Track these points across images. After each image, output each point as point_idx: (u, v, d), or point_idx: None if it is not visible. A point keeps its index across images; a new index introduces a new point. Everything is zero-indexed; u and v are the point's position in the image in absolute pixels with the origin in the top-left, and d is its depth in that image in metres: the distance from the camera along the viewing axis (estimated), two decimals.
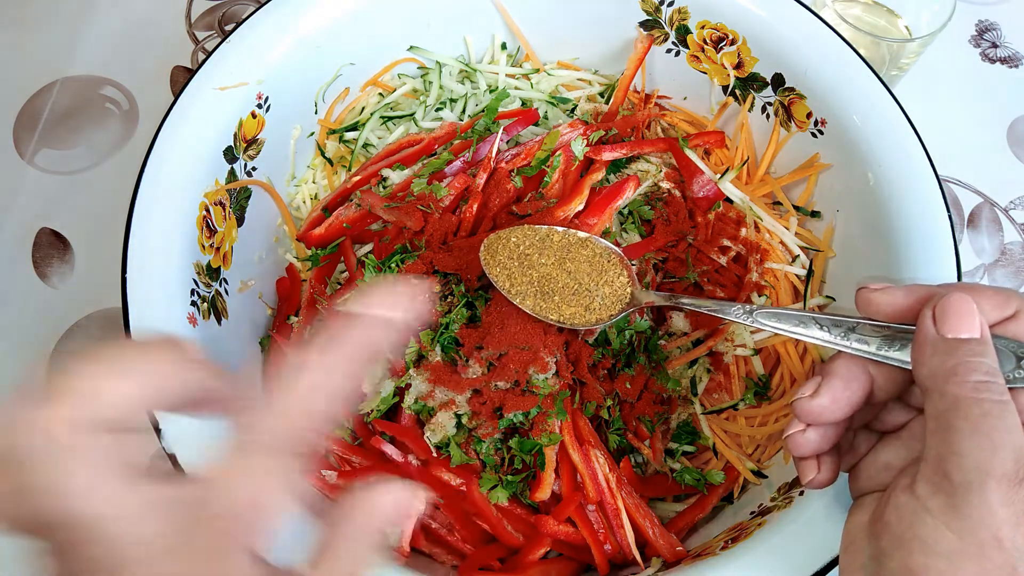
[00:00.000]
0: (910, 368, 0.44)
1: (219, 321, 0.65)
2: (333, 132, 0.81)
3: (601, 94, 0.86)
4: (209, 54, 0.69)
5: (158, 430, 0.55)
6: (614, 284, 0.64)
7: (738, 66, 0.77)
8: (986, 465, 0.37)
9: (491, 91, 0.83)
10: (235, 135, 0.69)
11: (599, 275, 0.64)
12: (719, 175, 0.76)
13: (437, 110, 0.83)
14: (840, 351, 0.47)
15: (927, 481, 0.39)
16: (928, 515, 0.39)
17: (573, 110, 0.84)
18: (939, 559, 0.38)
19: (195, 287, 0.63)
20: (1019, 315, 0.43)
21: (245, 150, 0.71)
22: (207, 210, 0.66)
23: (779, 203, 0.78)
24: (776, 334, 0.71)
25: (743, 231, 0.75)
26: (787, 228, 0.75)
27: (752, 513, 0.62)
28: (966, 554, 0.37)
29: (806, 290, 0.72)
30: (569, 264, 0.64)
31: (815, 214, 0.76)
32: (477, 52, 0.86)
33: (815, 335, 0.49)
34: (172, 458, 0.54)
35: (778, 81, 0.74)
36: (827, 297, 0.72)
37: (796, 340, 0.71)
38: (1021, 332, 0.43)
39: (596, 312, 0.63)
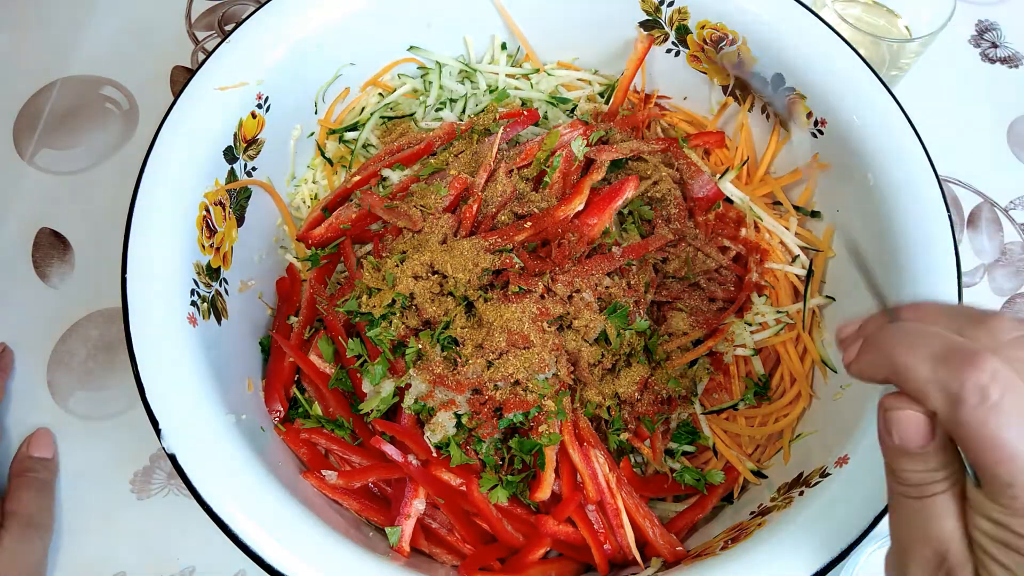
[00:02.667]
0: None
1: (219, 321, 0.65)
2: (333, 132, 0.81)
3: (601, 94, 0.86)
4: (209, 54, 0.69)
5: (158, 430, 0.55)
6: None
7: (738, 66, 0.77)
8: (906, 552, 0.42)
9: (491, 91, 0.83)
10: (235, 135, 0.69)
11: None
12: (719, 175, 0.76)
13: (437, 110, 0.83)
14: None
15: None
16: None
17: (573, 110, 0.84)
18: None
19: (195, 287, 0.63)
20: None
21: (245, 150, 0.71)
22: (207, 210, 0.66)
23: (779, 203, 0.78)
24: (776, 334, 0.72)
25: (743, 231, 0.75)
26: (787, 228, 0.75)
27: (752, 513, 0.62)
28: None
29: (806, 290, 0.72)
30: None
31: (815, 214, 0.76)
32: (477, 52, 0.86)
33: None
34: (172, 458, 0.54)
35: (778, 81, 0.74)
36: (827, 297, 0.72)
37: (796, 338, 0.72)
38: None
39: None
